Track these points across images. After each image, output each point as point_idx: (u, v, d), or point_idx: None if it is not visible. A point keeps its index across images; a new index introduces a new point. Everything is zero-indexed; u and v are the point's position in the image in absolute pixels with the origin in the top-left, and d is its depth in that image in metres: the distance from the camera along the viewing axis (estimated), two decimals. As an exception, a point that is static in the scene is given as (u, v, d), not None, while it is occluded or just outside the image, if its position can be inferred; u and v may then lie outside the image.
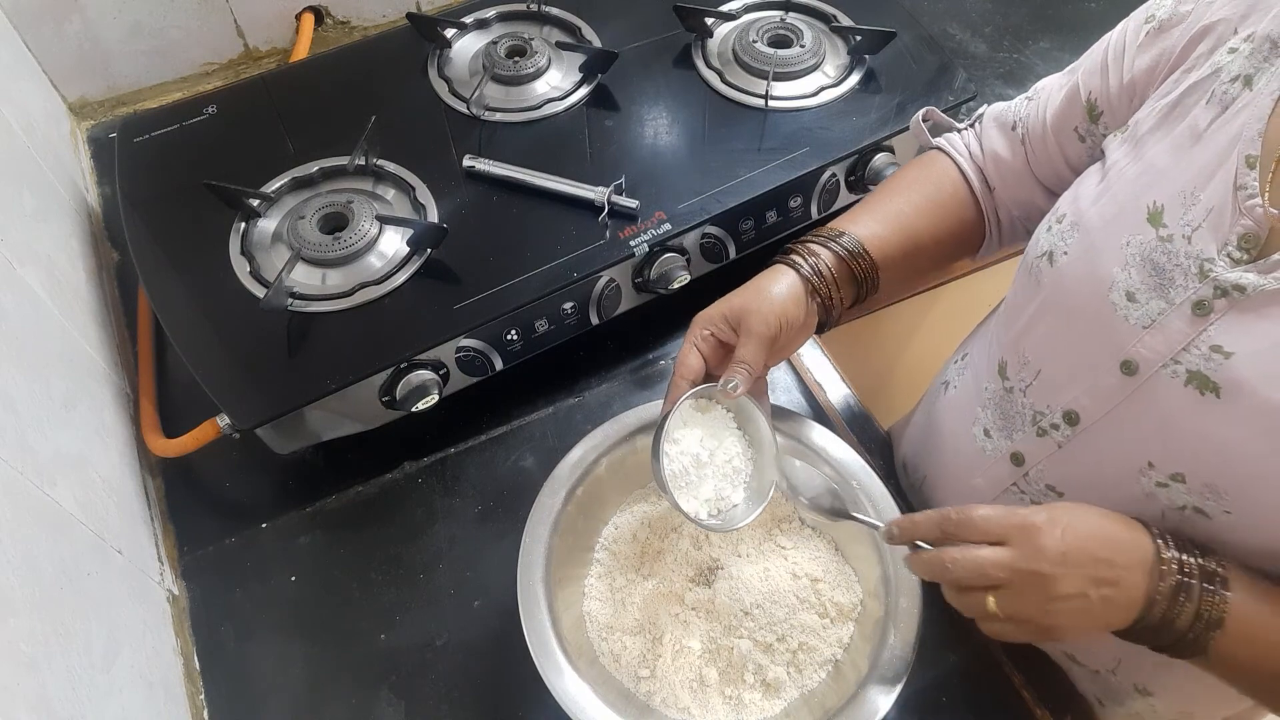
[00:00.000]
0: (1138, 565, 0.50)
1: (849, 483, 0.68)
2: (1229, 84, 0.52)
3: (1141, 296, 0.53)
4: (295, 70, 1.02)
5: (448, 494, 0.81)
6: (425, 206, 0.84)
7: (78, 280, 0.85)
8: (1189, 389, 0.51)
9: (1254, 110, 0.50)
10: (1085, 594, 0.50)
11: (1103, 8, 1.20)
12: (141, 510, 0.78)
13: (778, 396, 0.85)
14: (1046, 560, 0.50)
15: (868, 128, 0.89)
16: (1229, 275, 0.49)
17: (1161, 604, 0.50)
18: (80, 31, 1.02)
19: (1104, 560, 0.50)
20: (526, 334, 0.80)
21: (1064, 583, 0.50)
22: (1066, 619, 0.50)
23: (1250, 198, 0.49)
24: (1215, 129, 0.52)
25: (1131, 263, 0.54)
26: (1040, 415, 0.61)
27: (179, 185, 0.86)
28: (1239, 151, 0.50)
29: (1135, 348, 0.54)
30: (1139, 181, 0.55)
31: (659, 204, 0.83)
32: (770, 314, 0.62)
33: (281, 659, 0.73)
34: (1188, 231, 0.51)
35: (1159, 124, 0.56)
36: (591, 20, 1.01)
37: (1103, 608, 0.50)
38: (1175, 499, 0.53)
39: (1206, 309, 0.50)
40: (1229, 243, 0.50)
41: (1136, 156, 0.57)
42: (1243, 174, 0.49)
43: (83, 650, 0.58)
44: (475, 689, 0.71)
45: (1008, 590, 0.51)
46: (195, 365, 0.74)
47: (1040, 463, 0.62)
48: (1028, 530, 0.51)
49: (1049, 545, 0.50)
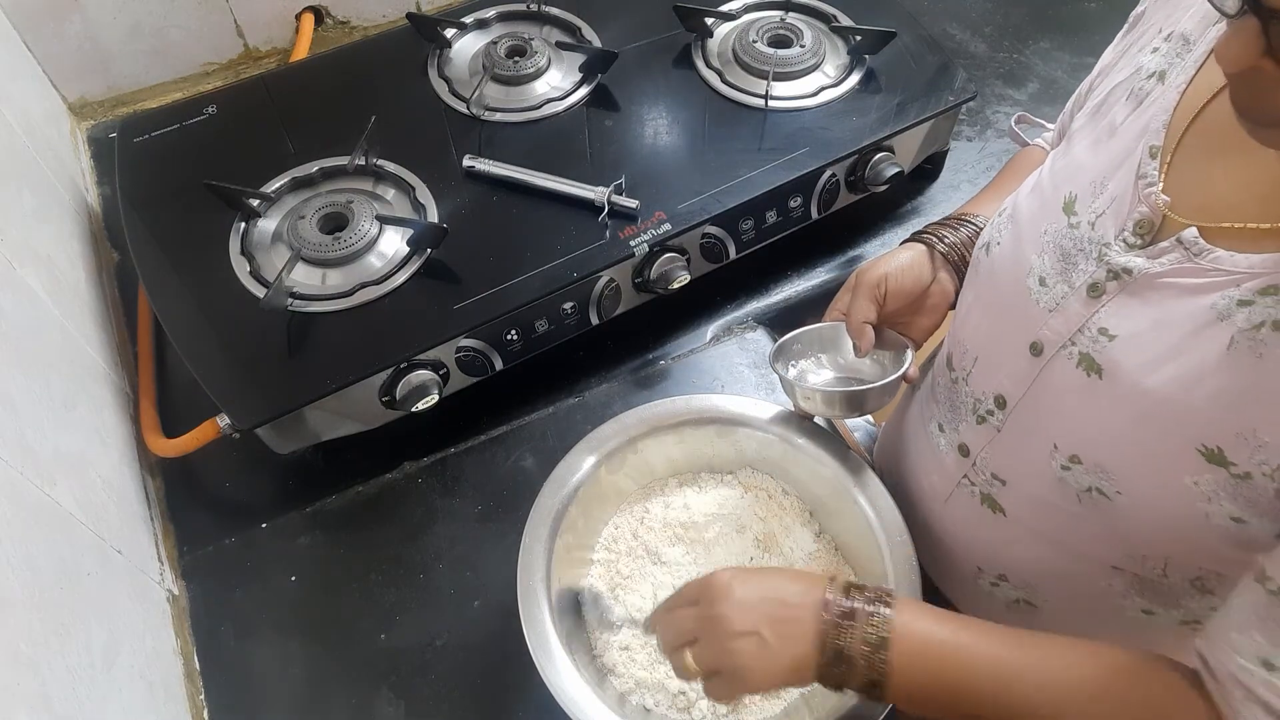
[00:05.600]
0: (810, 604, 0.53)
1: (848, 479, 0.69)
2: (1145, 80, 0.54)
3: (1050, 280, 0.55)
4: (295, 70, 1.02)
5: (448, 494, 0.81)
6: (425, 206, 0.84)
7: (78, 280, 0.85)
8: (1079, 370, 0.53)
9: (1161, 103, 0.52)
10: (758, 631, 0.52)
11: (1102, 8, 1.20)
12: (141, 510, 0.78)
13: (778, 397, 0.85)
14: (724, 602, 0.53)
15: (868, 128, 0.89)
16: (1120, 259, 0.51)
17: (830, 633, 0.51)
18: (80, 31, 1.02)
19: (777, 600, 0.53)
20: (526, 334, 0.80)
21: (739, 619, 0.53)
22: (749, 659, 0.52)
23: (1149, 186, 0.51)
24: (1129, 123, 0.54)
25: (1046, 249, 0.56)
26: (979, 402, 0.63)
27: (179, 185, 0.86)
28: (1145, 143, 0.52)
29: (1041, 330, 0.56)
30: (1061, 175, 0.58)
31: (659, 204, 0.83)
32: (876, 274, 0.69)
33: (281, 659, 0.72)
34: (1093, 218, 0.54)
35: (1086, 123, 0.59)
36: (591, 20, 1.01)
37: (780, 645, 0.52)
38: (1080, 481, 0.54)
39: (1099, 291, 0.52)
40: (1125, 228, 0.51)
41: (1065, 153, 0.59)
42: (1145, 163, 0.51)
43: (83, 650, 0.58)
44: (475, 689, 0.71)
45: (700, 643, 0.54)
46: (195, 365, 0.74)
47: (983, 450, 0.63)
48: (708, 584, 0.55)
49: (724, 593, 0.54)
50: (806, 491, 0.74)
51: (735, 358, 0.89)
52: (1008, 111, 1.08)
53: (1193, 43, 0.52)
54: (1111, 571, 0.58)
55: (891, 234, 0.98)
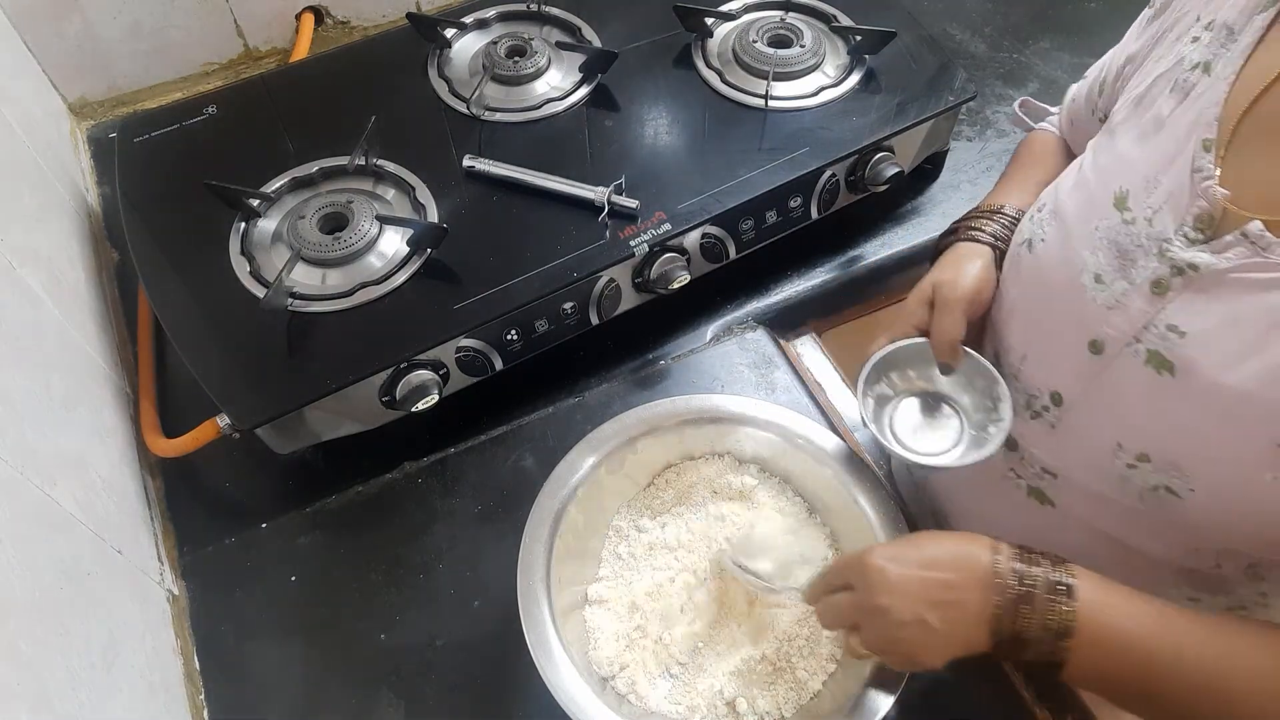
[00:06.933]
0: (975, 583, 0.51)
1: (848, 478, 0.69)
2: (1189, 71, 0.54)
3: (1107, 278, 0.55)
4: (295, 70, 1.02)
5: (448, 494, 0.81)
6: (425, 206, 0.84)
7: (78, 280, 0.85)
8: (1148, 368, 0.53)
9: (1211, 95, 0.52)
10: (923, 619, 0.50)
11: (1103, 8, 1.21)
12: (141, 510, 0.78)
13: (778, 397, 0.85)
14: (882, 592, 0.51)
15: (868, 128, 0.89)
16: (1184, 254, 0.51)
17: (1006, 618, 0.49)
18: (80, 31, 1.02)
19: (938, 582, 0.51)
20: (526, 334, 0.80)
21: (899, 608, 0.51)
22: (917, 646, 0.51)
23: (1205, 179, 0.50)
24: (1176, 116, 0.54)
25: (1100, 246, 0.56)
26: (1033, 398, 0.62)
27: (179, 185, 0.86)
28: (1197, 136, 0.51)
29: (1101, 327, 0.55)
30: (1108, 170, 0.57)
31: (659, 204, 0.83)
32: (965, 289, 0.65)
33: (281, 659, 0.72)
34: (1149, 214, 0.53)
35: (1128, 116, 0.58)
36: (591, 20, 1.01)
37: (948, 629, 0.50)
38: (1146, 479, 0.54)
39: (1164, 288, 0.52)
40: (1185, 223, 0.51)
41: (1108, 147, 0.59)
42: (1199, 157, 0.51)
43: (83, 650, 0.58)
44: (475, 689, 0.71)
45: (863, 628, 0.53)
46: (195, 365, 0.74)
47: (1035, 446, 0.63)
48: (862, 568, 0.53)
49: (878, 580, 0.52)
50: (807, 491, 0.74)
51: (735, 358, 0.89)
52: (1007, 111, 1.08)
53: (1237, 33, 0.52)
54: (1162, 563, 0.58)
55: (891, 234, 0.98)
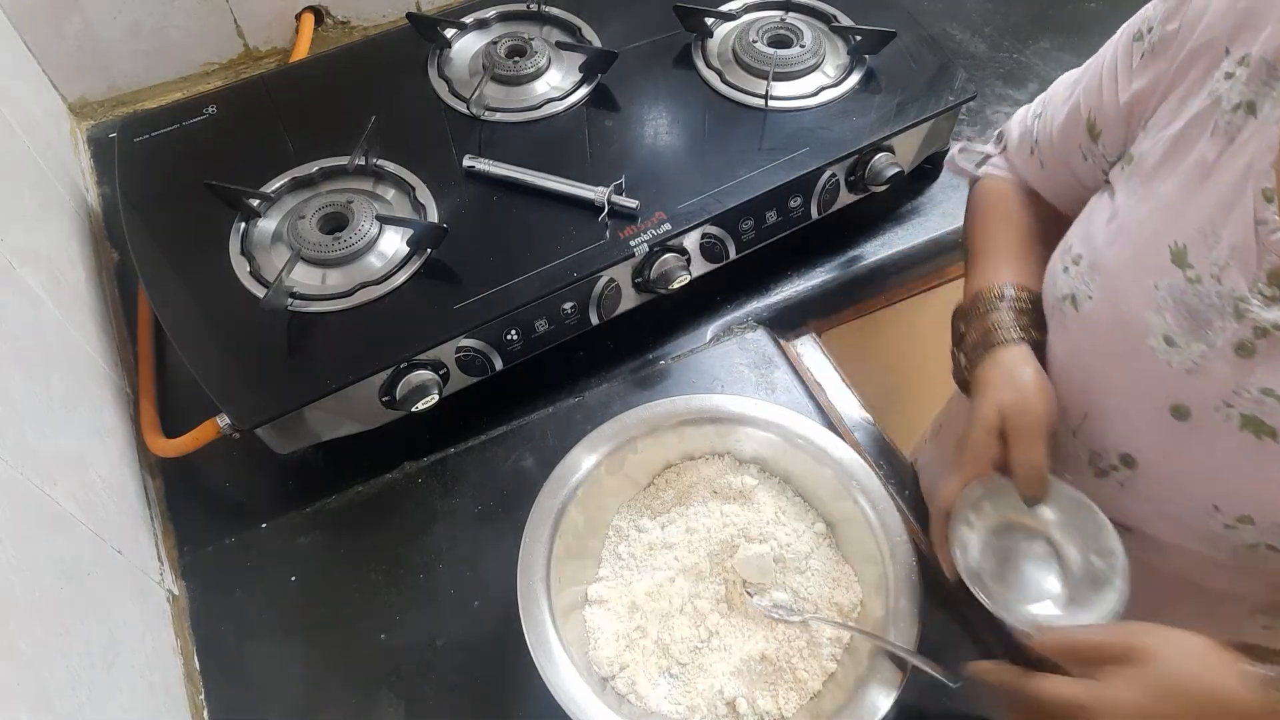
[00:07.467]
0: None
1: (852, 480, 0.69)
2: (1231, 113, 0.51)
3: (1180, 340, 0.52)
4: (295, 70, 1.02)
5: (447, 494, 0.81)
6: (425, 206, 0.84)
7: (78, 280, 0.85)
8: (1245, 433, 0.51)
9: (1262, 140, 0.49)
10: None
11: (1103, 8, 1.20)
12: (141, 510, 0.78)
13: (778, 397, 0.85)
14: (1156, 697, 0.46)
15: (868, 128, 0.89)
16: (1266, 315, 0.48)
17: None
18: (80, 31, 1.02)
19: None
20: (526, 334, 0.80)
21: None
22: None
23: (1273, 233, 0.48)
24: (1225, 162, 0.51)
25: (1164, 306, 0.53)
26: (1097, 456, 0.60)
27: (179, 185, 0.86)
28: (1254, 185, 0.49)
29: (1184, 392, 0.53)
30: (1153, 220, 0.54)
31: (659, 204, 0.83)
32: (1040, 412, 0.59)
33: (281, 659, 0.72)
34: (1215, 270, 0.50)
35: (1165, 158, 0.55)
36: (591, 20, 1.01)
37: None
38: (1245, 538, 0.53)
39: (1249, 350, 0.50)
40: (1259, 280, 0.49)
41: (1147, 194, 0.56)
42: (1261, 208, 0.48)
43: (83, 650, 0.58)
44: (475, 689, 0.71)
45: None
46: (195, 365, 0.74)
47: (1103, 503, 0.59)
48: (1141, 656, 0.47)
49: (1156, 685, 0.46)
50: (807, 491, 0.74)
51: (735, 358, 0.89)
52: (1007, 111, 1.08)
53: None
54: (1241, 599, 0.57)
55: (891, 234, 0.98)
